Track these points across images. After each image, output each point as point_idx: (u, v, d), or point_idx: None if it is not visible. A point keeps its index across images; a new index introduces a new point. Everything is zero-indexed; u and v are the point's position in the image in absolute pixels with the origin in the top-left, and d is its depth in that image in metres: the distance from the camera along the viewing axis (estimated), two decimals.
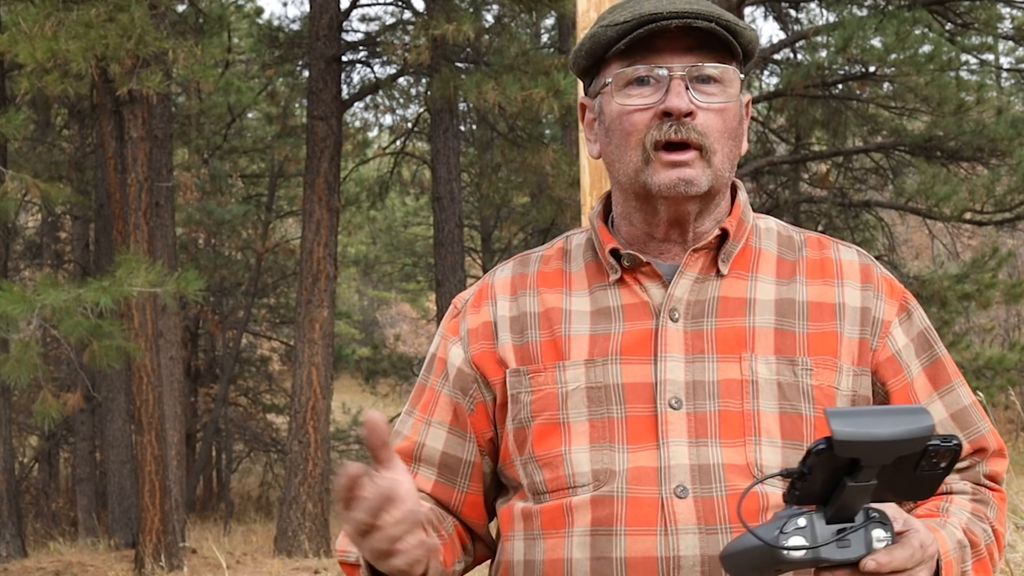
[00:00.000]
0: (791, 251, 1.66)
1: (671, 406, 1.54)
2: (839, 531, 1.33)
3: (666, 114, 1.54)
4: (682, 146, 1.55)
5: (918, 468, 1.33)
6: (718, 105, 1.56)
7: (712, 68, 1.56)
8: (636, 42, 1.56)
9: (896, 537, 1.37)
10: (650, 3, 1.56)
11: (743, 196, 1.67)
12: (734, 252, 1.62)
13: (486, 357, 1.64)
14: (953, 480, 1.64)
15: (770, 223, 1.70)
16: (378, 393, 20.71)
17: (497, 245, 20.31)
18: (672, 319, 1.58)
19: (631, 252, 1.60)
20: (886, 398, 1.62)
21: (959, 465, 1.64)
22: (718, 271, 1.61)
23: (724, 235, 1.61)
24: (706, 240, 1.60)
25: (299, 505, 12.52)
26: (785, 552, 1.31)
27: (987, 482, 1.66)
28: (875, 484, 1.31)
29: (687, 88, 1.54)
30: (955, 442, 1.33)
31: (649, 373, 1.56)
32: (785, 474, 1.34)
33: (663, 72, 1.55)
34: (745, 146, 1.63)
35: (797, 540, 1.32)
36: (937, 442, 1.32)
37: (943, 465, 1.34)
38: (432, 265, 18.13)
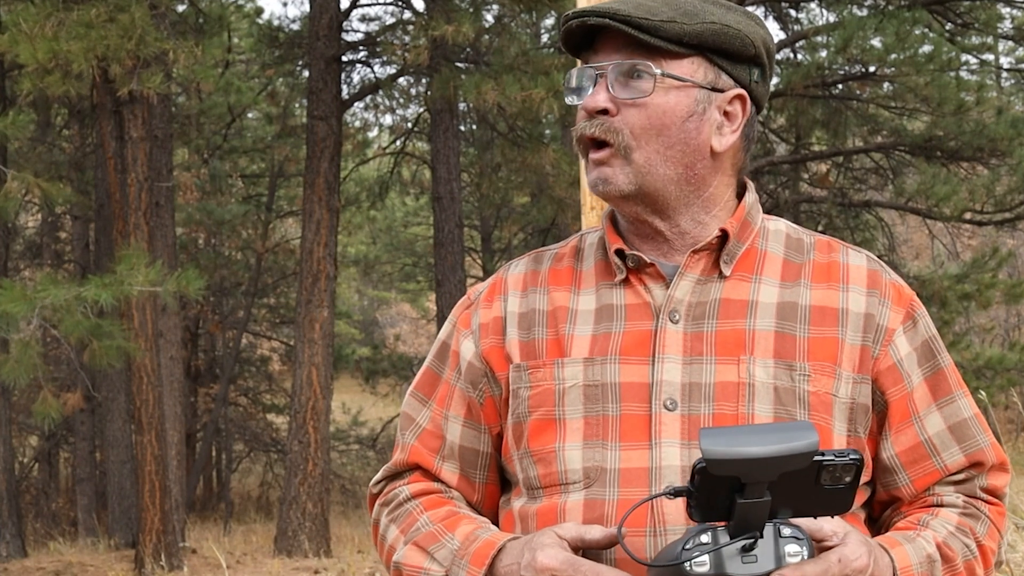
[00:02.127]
0: (799, 254, 1.64)
1: (666, 407, 1.54)
2: (744, 547, 1.32)
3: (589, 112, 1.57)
4: (602, 144, 1.57)
5: (819, 484, 1.31)
6: (640, 101, 1.54)
7: (641, 64, 1.54)
8: (584, 43, 1.60)
9: (818, 552, 1.36)
10: (603, 5, 1.58)
11: (750, 197, 1.65)
12: (737, 253, 1.61)
13: (495, 352, 1.66)
14: (946, 493, 1.61)
15: (780, 225, 1.68)
16: (378, 393, 20.71)
17: (497, 245, 20.31)
18: (672, 320, 1.58)
19: (635, 253, 1.60)
20: (885, 407, 1.60)
21: (955, 478, 1.61)
22: (721, 273, 1.60)
23: (725, 236, 1.60)
24: (705, 241, 1.59)
25: (299, 505, 12.52)
26: (687, 567, 1.31)
27: (984, 496, 1.63)
28: (769, 500, 1.29)
29: (610, 86, 1.55)
30: (852, 456, 1.30)
31: (646, 373, 1.56)
32: (672, 492, 1.34)
33: (590, 71, 1.58)
34: (725, 143, 1.58)
35: (699, 556, 1.31)
36: (831, 457, 1.30)
37: (847, 479, 1.32)
38: (432, 265, 18.13)
